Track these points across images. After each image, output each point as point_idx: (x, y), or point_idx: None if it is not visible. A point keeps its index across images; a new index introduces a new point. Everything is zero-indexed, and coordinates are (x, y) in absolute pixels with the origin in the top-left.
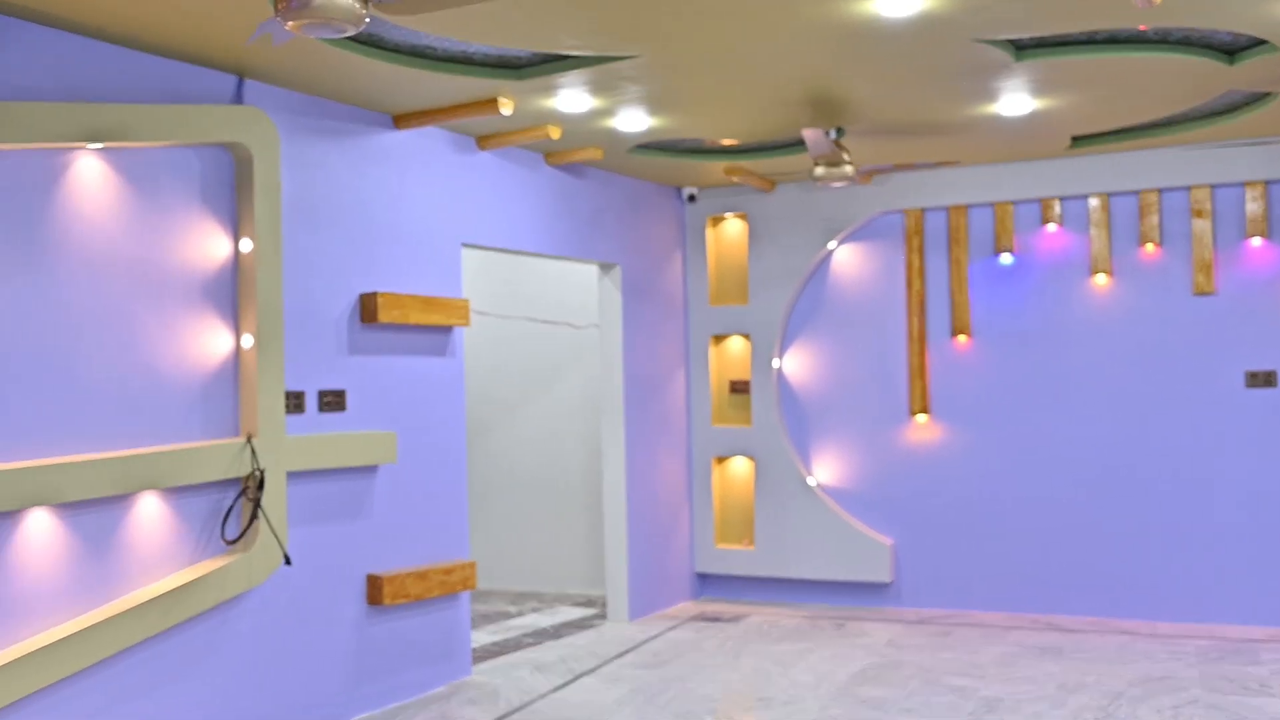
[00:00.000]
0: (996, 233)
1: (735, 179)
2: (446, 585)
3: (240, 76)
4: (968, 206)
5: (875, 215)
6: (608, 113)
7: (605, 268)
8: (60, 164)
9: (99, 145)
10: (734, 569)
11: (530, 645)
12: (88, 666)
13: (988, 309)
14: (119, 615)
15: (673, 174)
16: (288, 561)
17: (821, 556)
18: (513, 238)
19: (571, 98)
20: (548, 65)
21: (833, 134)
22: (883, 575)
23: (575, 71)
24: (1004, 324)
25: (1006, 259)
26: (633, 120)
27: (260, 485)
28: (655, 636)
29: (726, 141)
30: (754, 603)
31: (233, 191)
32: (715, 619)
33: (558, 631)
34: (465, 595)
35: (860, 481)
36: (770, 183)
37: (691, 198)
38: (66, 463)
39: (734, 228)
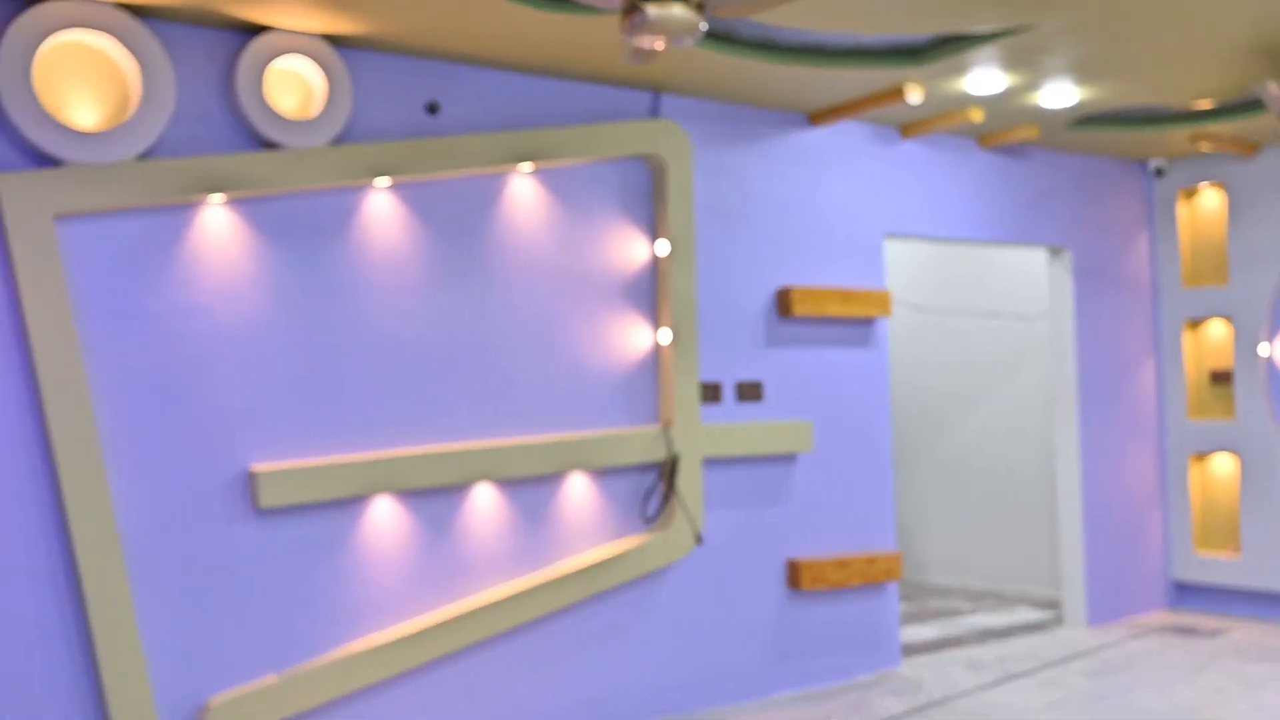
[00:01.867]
0: None
1: (1205, 147)
2: (868, 575)
3: (656, 92)
4: None
5: None
6: (1029, 88)
7: (1054, 251)
8: (498, 186)
9: (531, 167)
10: (1216, 578)
11: (972, 643)
12: (523, 623)
13: None
14: (551, 581)
15: (1131, 147)
16: (699, 540)
17: None
18: (943, 225)
19: (982, 77)
20: (946, 46)
21: None
22: None
23: (977, 49)
24: None
25: None
26: (1059, 94)
27: (674, 469)
28: (1111, 644)
29: (1196, 105)
30: (1238, 617)
31: (649, 199)
32: (1188, 631)
33: (1006, 632)
34: (892, 586)
35: None
36: (1252, 147)
37: (1159, 171)
38: (506, 445)
39: (1210, 200)
